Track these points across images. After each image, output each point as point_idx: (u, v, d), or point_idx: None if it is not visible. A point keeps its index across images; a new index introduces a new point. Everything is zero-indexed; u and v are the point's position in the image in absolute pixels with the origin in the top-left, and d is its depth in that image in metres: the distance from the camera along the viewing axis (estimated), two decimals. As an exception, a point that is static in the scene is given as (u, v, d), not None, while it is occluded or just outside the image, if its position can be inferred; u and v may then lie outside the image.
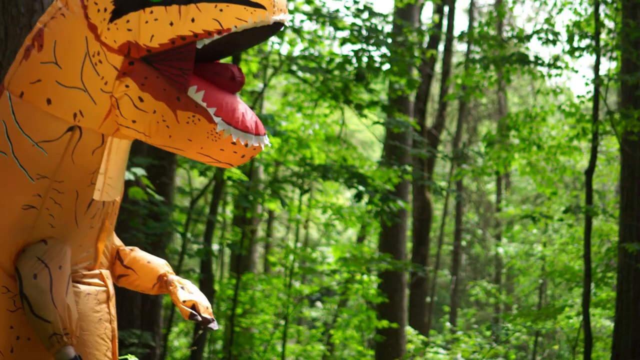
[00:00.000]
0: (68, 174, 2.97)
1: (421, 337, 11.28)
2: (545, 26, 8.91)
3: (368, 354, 12.41)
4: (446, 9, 13.55)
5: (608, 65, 8.33)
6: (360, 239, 16.85)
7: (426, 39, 12.72)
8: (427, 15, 45.11)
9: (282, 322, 11.60)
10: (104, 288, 3.16)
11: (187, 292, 3.26)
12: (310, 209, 12.91)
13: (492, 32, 10.16)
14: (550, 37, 8.48)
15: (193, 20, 2.84)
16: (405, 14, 11.50)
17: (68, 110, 2.96)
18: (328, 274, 11.72)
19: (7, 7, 3.90)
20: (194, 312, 3.18)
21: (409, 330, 11.46)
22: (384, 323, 10.72)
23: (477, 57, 10.15)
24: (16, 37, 3.90)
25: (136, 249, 3.42)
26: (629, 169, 7.72)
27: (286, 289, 11.03)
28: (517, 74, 10.24)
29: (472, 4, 15.58)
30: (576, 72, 8.76)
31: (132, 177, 6.35)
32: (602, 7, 8.43)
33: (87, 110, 2.95)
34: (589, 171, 8.01)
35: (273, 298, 11.40)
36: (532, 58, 8.63)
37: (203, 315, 3.19)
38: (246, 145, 2.92)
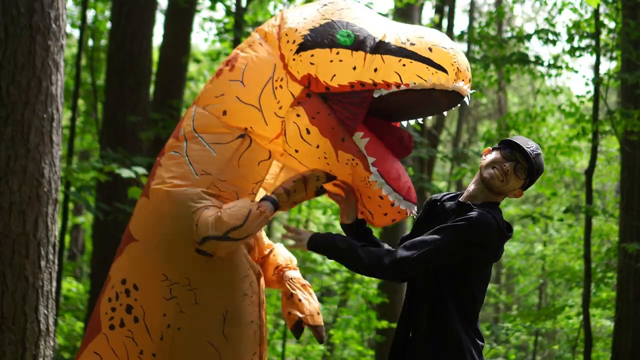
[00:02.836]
0: (232, 176, 3.10)
1: (421, 337, 11.24)
2: (546, 26, 8.91)
3: (368, 354, 12.40)
4: (446, 9, 13.55)
5: (608, 65, 8.33)
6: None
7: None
8: (427, 15, 45.07)
9: (282, 322, 11.60)
10: (257, 291, 3.19)
11: (297, 300, 3.26)
12: (310, 209, 12.91)
13: (492, 32, 10.16)
14: (550, 37, 8.47)
15: (376, 69, 2.96)
16: (405, 14, 11.49)
17: (240, 123, 3.13)
18: (328, 273, 11.71)
19: (7, 7, 3.90)
20: (297, 328, 3.20)
21: (409, 330, 11.43)
22: (384, 323, 10.71)
23: (477, 57, 10.14)
24: (16, 37, 3.90)
25: (277, 245, 3.48)
26: (629, 169, 7.71)
27: (286, 289, 11.01)
28: (517, 74, 10.23)
29: (472, 4, 15.57)
30: (576, 72, 8.75)
31: (133, 175, 6.36)
32: (602, 7, 8.42)
33: (257, 128, 3.12)
34: (589, 171, 8.01)
35: (273, 298, 11.38)
36: (532, 58, 8.62)
37: (312, 325, 3.21)
38: (392, 204, 3.02)
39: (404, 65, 2.93)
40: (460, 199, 3.08)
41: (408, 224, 13.07)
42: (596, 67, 8.07)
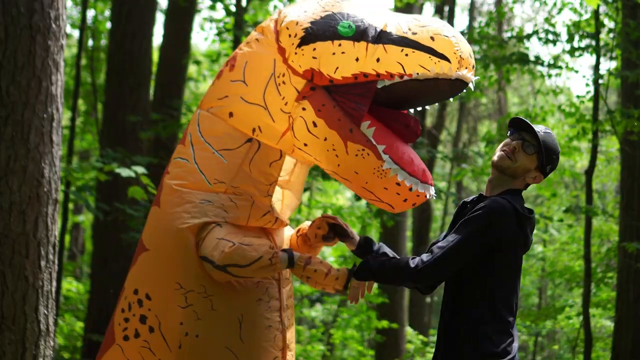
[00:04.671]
0: (244, 181, 3.11)
1: (421, 337, 11.27)
2: (546, 26, 8.91)
3: (368, 354, 12.40)
4: (446, 8, 13.55)
5: (608, 65, 8.33)
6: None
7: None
8: (427, 15, 45.11)
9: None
10: (277, 297, 3.19)
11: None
12: (310, 209, 12.90)
13: (492, 32, 10.16)
14: (550, 37, 8.47)
15: (378, 60, 2.93)
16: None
17: (248, 124, 3.11)
18: (328, 274, 11.69)
19: (7, 7, 3.90)
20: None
21: (409, 330, 11.45)
22: (384, 323, 10.71)
23: (477, 57, 10.14)
24: (16, 37, 3.90)
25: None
26: (629, 169, 7.71)
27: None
28: (517, 74, 10.23)
29: (472, 4, 15.58)
30: (576, 72, 8.75)
31: (132, 175, 6.35)
32: (602, 7, 8.43)
33: (265, 126, 3.10)
34: (589, 171, 8.00)
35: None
36: (532, 58, 8.62)
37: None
38: (410, 189, 2.99)
39: (406, 55, 2.91)
40: (483, 193, 3.13)
41: (408, 224, 13.07)
42: (596, 67, 8.07)
